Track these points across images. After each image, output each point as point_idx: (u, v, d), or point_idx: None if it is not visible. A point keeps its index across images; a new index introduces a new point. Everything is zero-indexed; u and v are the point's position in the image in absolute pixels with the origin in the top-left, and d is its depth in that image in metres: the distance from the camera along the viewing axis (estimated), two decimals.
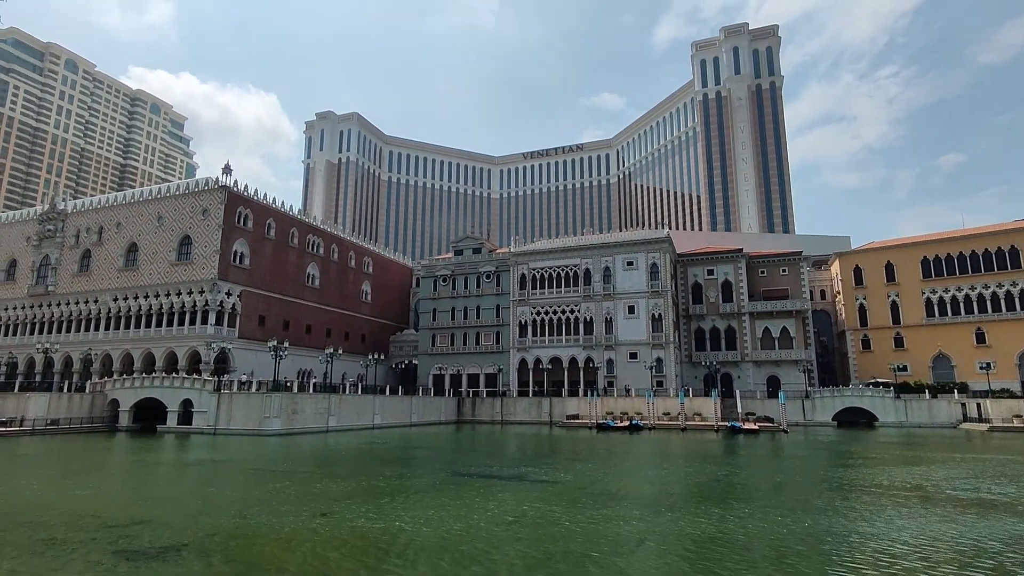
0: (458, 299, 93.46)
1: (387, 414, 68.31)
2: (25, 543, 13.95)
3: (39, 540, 14.15)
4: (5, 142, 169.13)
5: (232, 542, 14.15)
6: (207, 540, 14.25)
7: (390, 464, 33.19)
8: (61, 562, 12.28)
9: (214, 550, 13.36)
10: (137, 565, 11.92)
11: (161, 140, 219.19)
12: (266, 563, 12.47)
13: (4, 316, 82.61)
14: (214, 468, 31.63)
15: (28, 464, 33.42)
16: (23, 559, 12.56)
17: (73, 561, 12.34)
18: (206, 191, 72.56)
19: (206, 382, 57.46)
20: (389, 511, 18.35)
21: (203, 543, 13.93)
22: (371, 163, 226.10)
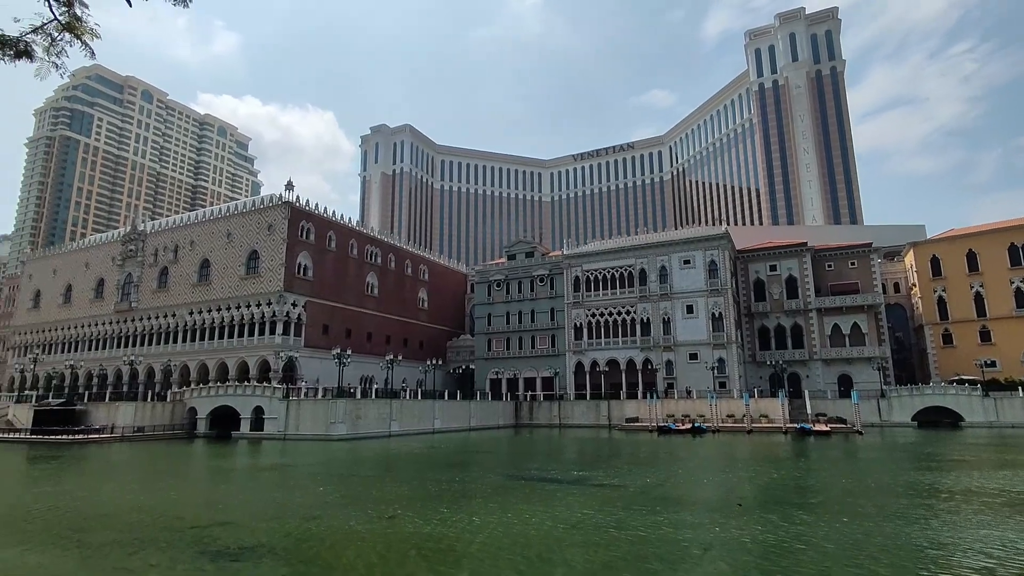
0: (512, 303, 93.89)
1: (447, 419, 69.33)
2: (119, 542, 15.02)
3: (133, 539, 15.20)
4: (92, 171, 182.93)
5: (305, 543, 14.75)
6: (282, 541, 14.92)
7: (451, 468, 33.69)
8: (152, 560, 13.15)
9: (288, 551, 13.98)
10: (219, 564, 12.62)
11: (228, 161, 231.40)
12: (336, 564, 12.94)
13: (94, 331, 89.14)
14: (285, 472, 33.02)
15: (120, 468, 35.91)
16: (119, 556, 13.53)
17: (162, 559, 13.20)
18: (271, 207, 76.04)
19: (275, 390, 60.09)
20: (452, 514, 18.64)
21: (278, 544, 14.59)
22: (424, 173, 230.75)
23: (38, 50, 6.00)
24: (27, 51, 5.91)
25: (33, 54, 5.97)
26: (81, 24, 5.86)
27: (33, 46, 5.92)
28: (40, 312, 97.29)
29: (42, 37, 5.99)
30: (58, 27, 6.00)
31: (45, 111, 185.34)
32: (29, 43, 5.89)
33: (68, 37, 6.13)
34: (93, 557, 13.62)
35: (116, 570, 12.40)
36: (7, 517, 19.23)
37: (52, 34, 6.03)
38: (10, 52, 5.89)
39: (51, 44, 6.04)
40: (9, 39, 5.78)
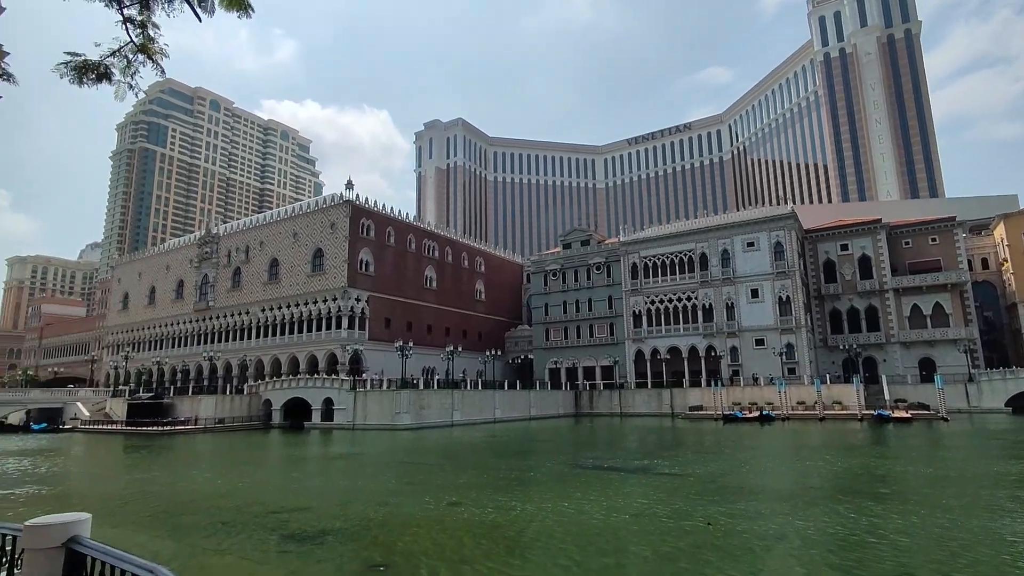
0: (569, 292, 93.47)
1: (507, 408, 70.07)
2: (206, 525, 16.15)
3: (217, 522, 16.30)
4: (168, 179, 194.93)
5: (376, 528, 15.38)
6: (354, 526, 15.62)
7: (513, 456, 34.10)
8: (236, 542, 14.08)
9: (361, 535, 14.63)
10: (299, 546, 13.37)
11: (291, 163, 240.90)
12: (406, 548, 13.42)
13: (176, 330, 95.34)
14: (355, 461, 34.38)
15: (203, 457, 38.44)
16: (205, 538, 14.56)
17: (245, 541, 14.10)
18: (333, 207, 78.75)
19: (343, 382, 62.49)
20: (515, 501, 18.91)
21: (351, 529, 15.28)
22: (477, 166, 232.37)
23: (116, 72, 6.45)
24: (107, 74, 6.36)
25: (112, 76, 6.42)
26: (153, 45, 6.26)
27: (112, 69, 6.36)
28: (129, 313, 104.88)
29: (119, 59, 6.43)
30: (133, 49, 6.42)
31: (126, 125, 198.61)
32: (108, 66, 6.33)
33: (141, 58, 6.56)
34: (185, 539, 14.71)
35: (207, 551, 13.34)
36: (109, 500, 21.00)
37: (128, 56, 6.45)
38: (92, 76, 6.36)
39: (127, 65, 6.46)
40: (92, 64, 6.24)
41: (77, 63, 6.18)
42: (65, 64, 6.17)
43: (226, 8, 6.33)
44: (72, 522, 2.88)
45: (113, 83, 6.56)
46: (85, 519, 2.95)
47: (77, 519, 2.91)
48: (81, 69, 6.20)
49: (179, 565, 12.45)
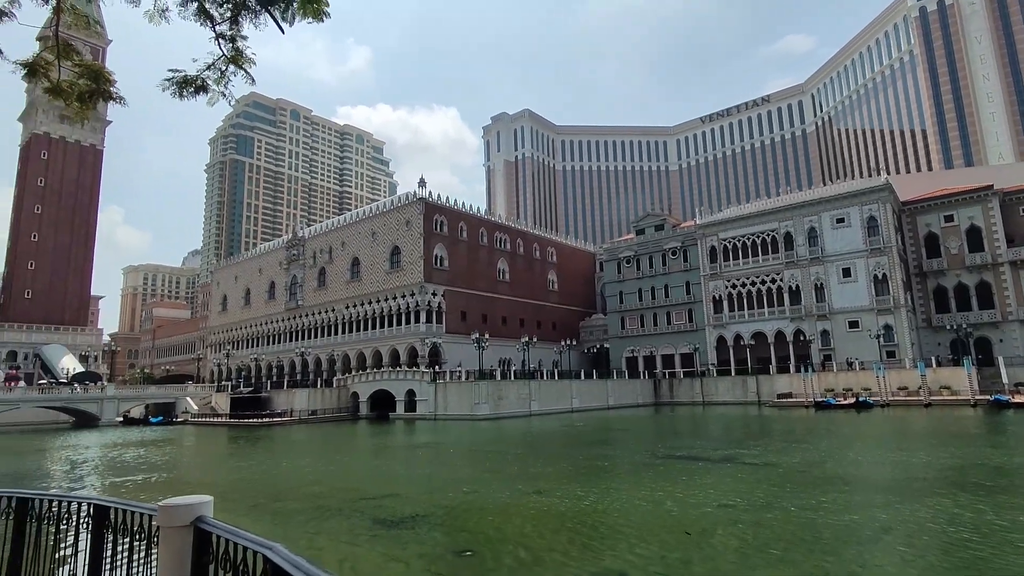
0: (644, 279, 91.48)
1: (584, 398, 69.76)
2: (304, 509, 17.19)
3: (315, 507, 17.31)
4: (256, 187, 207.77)
5: (462, 515, 15.79)
6: (442, 512, 16.11)
7: (593, 445, 33.91)
8: (332, 526, 14.90)
9: (448, 521, 15.07)
10: (390, 530, 13.97)
11: (366, 165, 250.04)
12: (491, 534, 13.69)
13: (270, 328, 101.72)
14: (438, 450, 35.43)
15: (299, 446, 40.91)
16: (304, 522, 15.50)
17: (340, 525, 14.89)
18: (407, 205, 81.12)
19: (424, 374, 64.49)
20: (597, 491, 18.81)
21: (439, 515, 15.77)
22: (545, 155, 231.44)
23: (211, 83, 6.89)
24: (204, 86, 6.83)
25: (208, 88, 6.87)
26: (242, 56, 6.65)
27: (208, 81, 6.81)
28: (228, 314, 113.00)
29: (213, 72, 6.87)
30: (225, 61, 6.84)
31: (217, 139, 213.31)
32: (205, 79, 6.78)
33: (233, 69, 6.97)
34: (287, 523, 15.74)
35: (308, 534, 14.21)
36: (218, 486, 22.79)
37: (221, 68, 6.88)
38: (191, 89, 6.84)
39: (220, 76, 6.90)
40: (191, 78, 6.72)
41: (178, 78, 6.69)
42: (168, 80, 6.69)
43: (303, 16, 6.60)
44: (197, 503, 3.11)
45: (209, 93, 7.04)
46: (208, 501, 3.19)
47: (201, 501, 3.15)
48: (182, 84, 6.71)
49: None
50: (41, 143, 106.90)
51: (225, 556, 2.86)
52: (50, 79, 7.72)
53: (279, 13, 6.21)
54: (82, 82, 7.87)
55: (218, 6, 6.38)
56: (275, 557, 2.27)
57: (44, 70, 7.72)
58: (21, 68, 7.58)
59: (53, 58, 7.65)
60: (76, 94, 7.87)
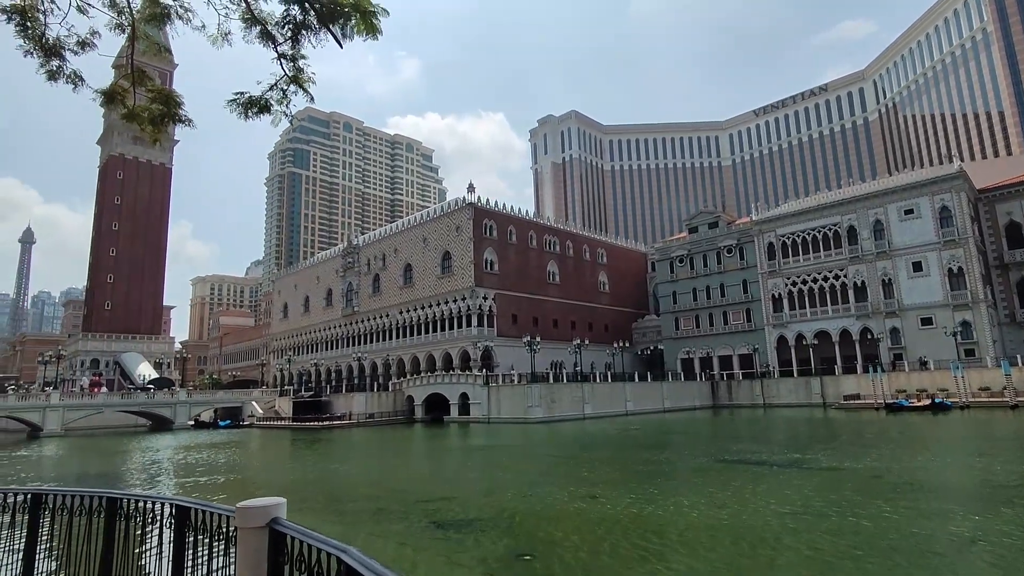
0: (698, 279, 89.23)
1: (639, 400, 68.61)
2: (366, 510, 17.61)
3: (374, 509, 17.72)
4: (313, 198, 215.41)
5: (519, 519, 15.80)
6: (499, 515, 16.17)
7: (650, 449, 33.29)
8: (393, 528, 15.19)
9: (505, 525, 15.11)
10: (448, 533, 14.12)
11: (416, 173, 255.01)
12: (549, 539, 13.62)
13: (328, 334, 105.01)
14: (493, 453, 35.62)
15: (358, 449, 41.99)
16: (367, 523, 15.87)
17: (402, 527, 15.17)
18: (457, 210, 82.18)
19: (477, 377, 65.03)
20: (657, 495, 18.44)
21: (496, 518, 15.84)
22: (593, 156, 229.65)
23: (273, 104, 7.18)
24: (267, 106, 7.13)
25: (271, 108, 7.17)
26: (303, 75, 6.92)
27: (271, 101, 7.10)
28: (288, 321, 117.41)
29: (276, 92, 7.16)
30: (286, 81, 7.11)
31: (275, 154, 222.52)
32: (268, 99, 7.08)
33: (294, 88, 7.24)
34: (350, 523, 16.17)
35: (367, 535, 14.55)
36: (283, 487, 23.66)
37: (283, 88, 7.17)
38: (255, 110, 7.14)
39: (283, 96, 7.18)
40: (255, 99, 7.03)
41: (243, 100, 7.01)
42: (233, 102, 7.02)
43: (359, 33, 6.78)
44: (272, 505, 3.23)
45: (272, 113, 7.33)
46: (282, 503, 3.31)
47: (276, 503, 3.26)
48: (247, 105, 7.02)
49: None
50: (117, 164, 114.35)
51: (300, 557, 2.95)
52: (126, 105, 8.23)
53: (338, 30, 6.42)
54: (154, 107, 8.36)
55: (280, 28, 6.64)
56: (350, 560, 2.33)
57: (121, 96, 8.25)
58: (100, 96, 8.12)
59: (128, 85, 8.17)
60: (149, 118, 8.37)
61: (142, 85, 8.19)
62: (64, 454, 44.17)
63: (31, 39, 7.03)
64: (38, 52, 7.41)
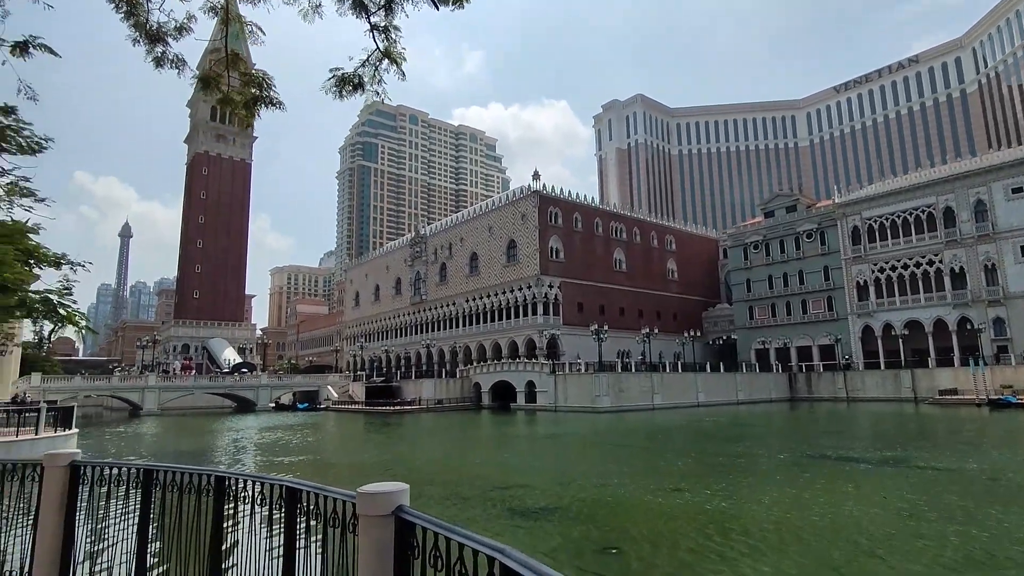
0: (775, 265, 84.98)
1: (711, 392, 66.40)
2: (444, 496, 17.68)
3: (452, 494, 17.77)
4: (381, 190, 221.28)
5: (600, 509, 15.39)
6: (576, 505, 15.82)
7: (726, 442, 31.97)
8: (471, 514, 15.14)
9: (585, 515, 14.73)
10: (528, 522, 13.92)
11: (480, 163, 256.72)
12: (632, 532, 13.15)
13: (397, 322, 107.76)
14: (563, 441, 35.33)
15: (429, 433, 42.78)
16: (446, 509, 15.91)
17: (480, 514, 15.11)
18: (522, 198, 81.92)
19: (543, 365, 64.87)
20: (739, 490, 17.55)
21: (574, 508, 15.49)
22: (660, 140, 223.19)
23: (366, 80, 7.00)
24: (360, 83, 6.96)
25: (364, 85, 6.99)
26: (395, 48, 6.69)
27: (364, 78, 6.93)
28: (360, 309, 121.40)
29: (368, 68, 6.97)
30: (378, 56, 6.91)
31: (345, 148, 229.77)
32: (361, 76, 6.91)
33: (386, 64, 7.03)
34: (429, 509, 16.25)
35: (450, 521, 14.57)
36: (361, 468, 24.30)
37: (375, 64, 6.97)
38: (349, 87, 6.99)
39: (374, 73, 6.98)
40: (348, 76, 6.88)
41: (338, 76, 6.88)
42: (330, 79, 6.91)
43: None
44: (396, 491, 2.99)
45: (364, 92, 7.17)
46: (405, 489, 3.05)
47: (399, 489, 3.02)
48: (340, 82, 6.89)
49: None
50: (202, 161, 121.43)
51: (435, 553, 2.69)
52: (220, 89, 8.34)
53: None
54: (247, 89, 8.43)
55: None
56: (510, 562, 2.02)
57: (216, 81, 8.37)
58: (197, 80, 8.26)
59: (223, 69, 8.26)
60: (243, 102, 8.45)
61: (235, 68, 8.27)
62: (161, 432, 47.54)
63: (137, 26, 7.16)
64: (144, 39, 7.58)
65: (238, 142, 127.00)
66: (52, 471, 5.28)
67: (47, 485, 5.31)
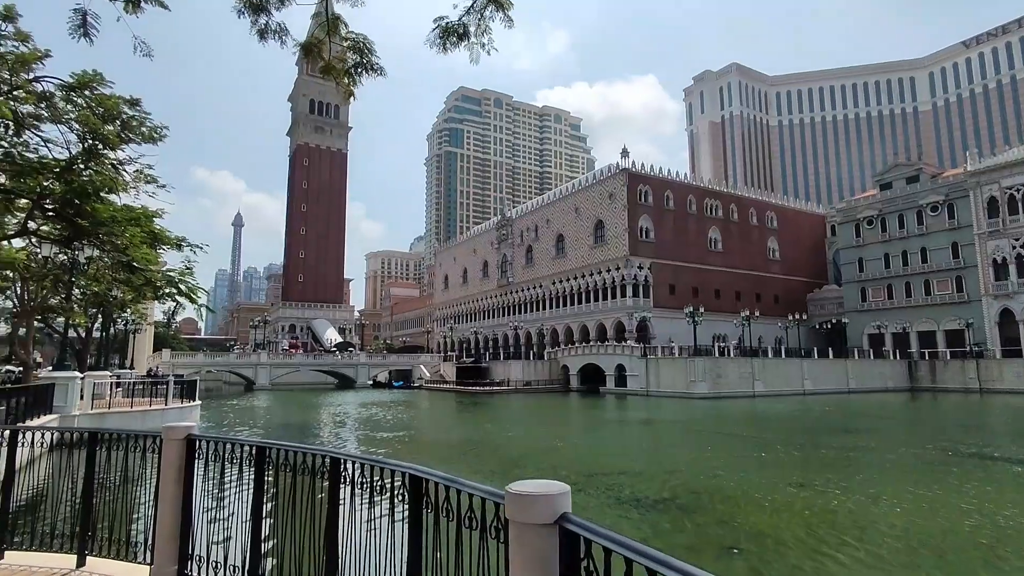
0: (892, 242, 77.33)
1: (818, 379, 61.80)
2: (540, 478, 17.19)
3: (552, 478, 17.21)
4: (467, 175, 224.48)
5: (714, 503, 14.26)
6: (688, 497, 14.78)
7: (843, 434, 29.29)
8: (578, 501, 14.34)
9: (701, 509, 13.69)
10: (641, 514, 13.09)
11: (564, 144, 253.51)
12: (754, 530, 11.99)
13: (485, 304, 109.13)
14: (661, 427, 33.99)
15: (521, 414, 42.78)
16: None
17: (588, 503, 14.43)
18: (610, 177, 79.65)
19: (634, 349, 63.13)
20: (871, 488, 15.71)
21: (687, 501, 14.45)
22: (756, 111, 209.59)
23: (471, 30, 6.36)
24: (465, 33, 6.33)
25: (469, 35, 6.36)
26: None
27: (468, 26, 6.30)
28: (449, 292, 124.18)
29: (473, 16, 6.33)
30: (484, 2, 6.24)
31: (432, 135, 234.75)
32: (466, 25, 6.29)
33: (491, 11, 6.35)
34: None
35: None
36: (456, 448, 24.43)
37: (480, 11, 6.32)
38: (453, 38, 6.39)
39: (480, 20, 6.33)
40: (452, 26, 6.27)
41: (442, 27, 6.32)
42: (433, 30, 6.37)
43: None
44: (558, 495, 2.34)
45: (469, 43, 6.56)
46: (566, 492, 2.38)
47: (562, 491, 2.39)
48: (445, 33, 6.33)
49: None
50: (303, 152, 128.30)
51: None
52: (322, 56, 8.07)
53: None
54: (349, 56, 8.10)
55: None
56: None
57: (317, 48, 8.09)
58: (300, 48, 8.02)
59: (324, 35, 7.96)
60: (344, 70, 8.15)
61: (336, 34, 7.95)
62: (271, 405, 50.95)
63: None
64: (248, 10, 7.43)
65: (335, 133, 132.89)
66: (170, 443, 5.17)
67: (165, 457, 5.22)
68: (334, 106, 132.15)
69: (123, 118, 16.32)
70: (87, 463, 5.60)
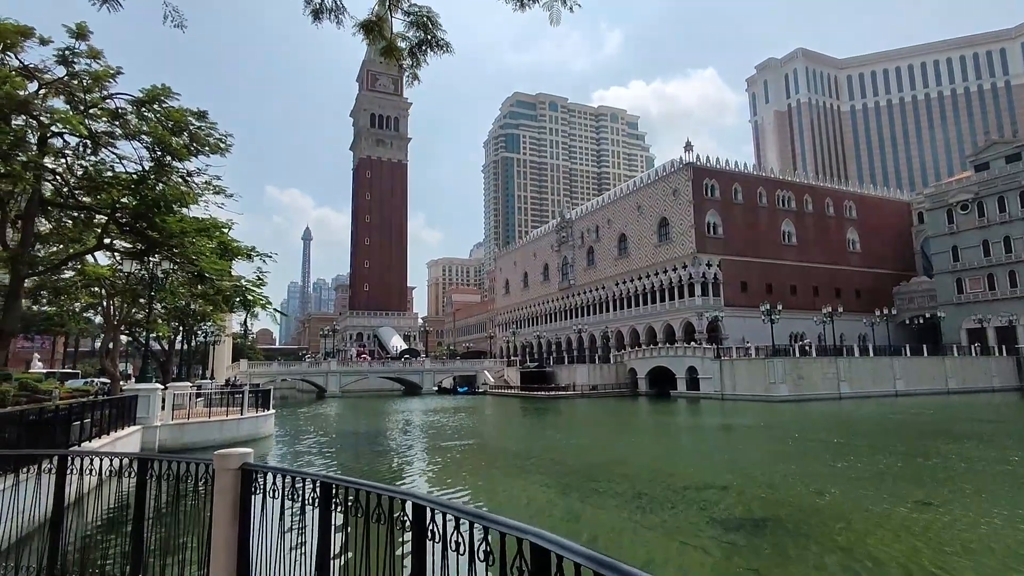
0: (992, 228, 70.60)
1: (911, 379, 56.95)
2: (621, 493, 15.95)
3: (633, 493, 15.96)
4: (524, 179, 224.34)
5: (822, 524, 12.62)
6: (793, 516, 13.18)
7: (950, 440, 26.24)
8: (662, 519, 13.23)
9: (807, 531, 12.10)
10: (740, 536, 11.66)
11: (621, 143, 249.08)
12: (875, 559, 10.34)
13: (547, 308, 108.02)
14: (742, 433, 31.80)
15: (589, 420, 41.37)
16: (629, 511, 14.18)
17: (673, 520, 13.14)
18: (673, 173, 76.90)
19: (707, 350, 60.30)
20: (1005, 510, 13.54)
21: (795, 521, 12.86)
22: (826, 97, 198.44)
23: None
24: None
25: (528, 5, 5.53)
26: None
27: None
28: (510, 296, 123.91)
29: None
30: None
31: (489, 141, 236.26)
32: None
33: None
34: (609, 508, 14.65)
35: (638, 526, 12.85)
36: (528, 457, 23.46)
37: None
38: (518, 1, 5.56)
39: None
40: None
41: None
42: None
43: None
44: None
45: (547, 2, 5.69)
46: None
47: None
48: None
49: (616, 542, 12.12)
50: (366, 165, 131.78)
51: None
52: (384, 35, 7.39)
53: None
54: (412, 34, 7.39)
55: None
56: None
57: (378, 27, 7.41)
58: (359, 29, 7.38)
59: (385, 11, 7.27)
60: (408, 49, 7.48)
61: (397, 8, 7.24)
62: (342, 412, 51.78)
63: None
64: None
65: (395, 145, 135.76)
66: (223, 474, 4.46)
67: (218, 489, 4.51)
68: (393, 118, 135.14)
69: (191, 130, 16.54)
70: (137, 493, 5.02)
